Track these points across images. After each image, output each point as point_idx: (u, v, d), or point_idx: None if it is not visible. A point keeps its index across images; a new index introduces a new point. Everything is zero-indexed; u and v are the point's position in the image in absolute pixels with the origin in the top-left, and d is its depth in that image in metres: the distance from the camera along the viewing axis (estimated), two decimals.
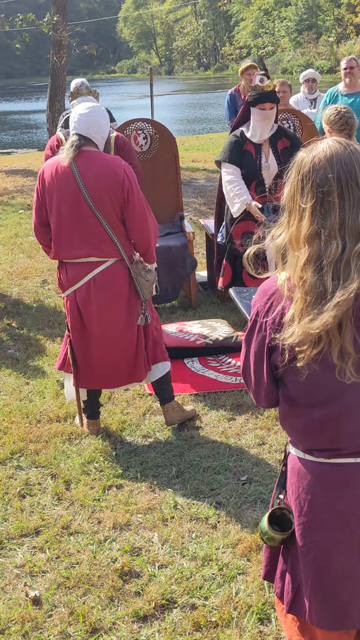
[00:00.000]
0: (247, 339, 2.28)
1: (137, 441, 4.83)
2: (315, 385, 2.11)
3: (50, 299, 7.65)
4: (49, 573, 3.64)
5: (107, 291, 4.57)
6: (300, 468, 2.26)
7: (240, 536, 3.82)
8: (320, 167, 2.02)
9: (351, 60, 8.54)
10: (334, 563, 2.22)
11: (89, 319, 4.63)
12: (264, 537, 2.38)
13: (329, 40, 64.07)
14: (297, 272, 2.03)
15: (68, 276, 4.62)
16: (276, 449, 4.63)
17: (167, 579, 3.55)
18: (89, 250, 4.52)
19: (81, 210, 4.47)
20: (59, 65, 16.31)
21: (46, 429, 4.99)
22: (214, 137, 21.62)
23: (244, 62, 10.23)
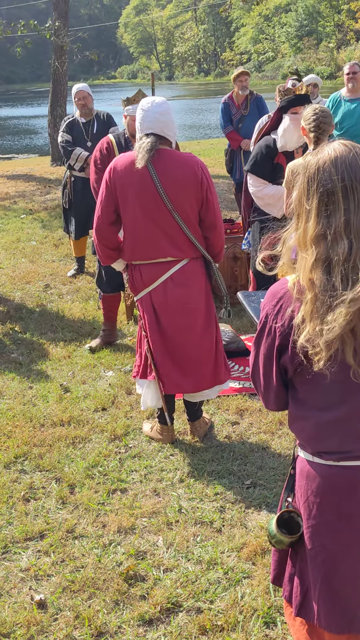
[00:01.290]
0: (256, 342, 2.28)
1: (141, 445, 4.83)
2: (325, 388, 2.11)
3: (53, 304, 7.66)
4: (54, 577, 3.64)
5: (185, 289, 4.50)
6: (309, 471, 2.26)
7: (245, 540, 3.81)
8: (325, 169, 2.03)
9: (354, 66, 8.55)
10: (342, 566, 2.23)
11: (169, 318, 4.54)
12: (272, 540, 2.39)
13: (329, 46, 64.24)
14: (305, 273, 2.04)
15: (143, 278, 4.52)
16: (280, 453, 4.63)
17: (172, 582, 3.54)
18: (167, 250, 4.45)
19: (159, 213, 4.38)
20: (60, 70, 16.35)
21: (50, 432, 4.99)
22: (214, 143, 21.64)
23: (236, 70, 10.26)
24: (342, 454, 2.18)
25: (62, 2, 16.33)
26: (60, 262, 9.29)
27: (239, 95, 9.94)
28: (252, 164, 6.12)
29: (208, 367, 4.68)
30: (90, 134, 8.05)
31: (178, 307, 4.52)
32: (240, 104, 9.96)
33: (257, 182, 6.10)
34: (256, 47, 74.80)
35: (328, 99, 8.92)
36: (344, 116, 8.44)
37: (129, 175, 4.36)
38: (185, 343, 4.59)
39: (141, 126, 4.40)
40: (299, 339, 2.06)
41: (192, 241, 4.48)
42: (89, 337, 6.67)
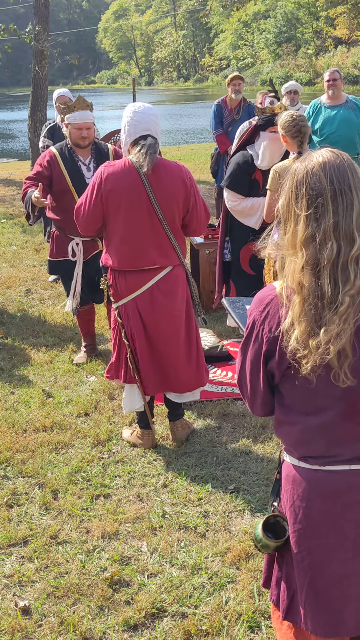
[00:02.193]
0: (243, 348, 2.30)
1: (124, 450, 4.83)
2: (311, 393, 2.13)
3: (34, 309, 7.64)
4: (38, 583, 3.63)
5: (170, 296, 4.59)
6: (295, 475, 2.28)
7: (229, 545, 3.82)
8: (314, 172, 2.06)
9: (334, 73, 8.61)
10: (328, 570, 2.24)
11: (155, 324, 4.60)
12: (259, 545, 2.40)
13: (308, 53, 64.61)
14: (295, 277, 2.07)
15: (128, 284, 4.56)
16: (263, 458, 4.64)
17: (156, 587, 3.55)
18: (155, 259, 4.52)
19: (151, 223, 4.47)
20: (40, 75, 16.31)
21: (32, 438, 4.97)
22: (195, 148, 21.70)
23: (231, 73, 10.33)
24: (328, 458, 2.20)
25: (42, 6, 16.30)
26: (41, 266, 9.26)
27: (232, 99, 9.99)
28: (230, 180, 6.18)
29: (190, 371, 4.75)
30: None
31: (164, 314, 4.59)
32: (233, 108, 10.02)
33: (234, 197, 6.19)
34: (235, 53, 75.04)
35: (308, 105, 8.98)
36: (324, 123, 8.49)
37: (121, 185, 4.40)
38: (170, 349, 4.65)
39: (135, 128, 4.43)
40: (288, 343, 2.08)
41: (176, 250, 4.59)
42: (71, 342, 6.66)
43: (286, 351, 2.10)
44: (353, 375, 2.06)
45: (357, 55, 58.06)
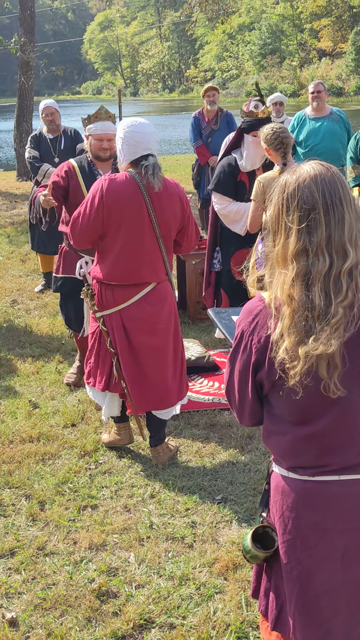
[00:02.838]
0: (231, 358, 2.30)
1: (111, 461, 4.82)
2: (301, 403, 2.14)
3: (21, 319, 7.62)
4: (25, 594, 3.61)
5: (157, 308, 4.58)
6: (284, 486, 2.28)
7: (216, 555, 3.82)
8: (306, 185, 2.08)
9: (318, 85, 8.67)
10: (317, 580, 2.25)
11: (141, 337, 4.57)
12: (247, 555, 2.41)
13: (293, 65, 65.03)
14: (285, 289, 2.08)
15: (115, 296, 4.54)
16: (250, 468, 4.65)
17: (144, 598, 3.54)
18: (146, 276, 4.52)
19: (149, 241, 4.47)
20: (26, 85, 16.34)
21: (19, 449, 4.96)
22: (180, 159, 21.75)
23: (205, 85, 10.39)
24: (317, 469, 2.21)
25: (28, 17, 16.34)
26: (27, 277, 9.25)
27: (209, 110, 10.05)
28: (216, 182, 6.24)
29: (174, 385, 4.74)
30: (57, 150, 8.07)
31: (150, 327, 4.56)
32: (211, 119, 10.06)
33: (221, 199, 6.23)
34: (220, 64, 75.40)
35: (293, 117, 9.03)
36: (308, 134, 8.55)
37: (123, 199, 4.35)
38: (155, 362, 4.62)
39: (135, 148, 4.38)
40: (277, 354, 2.09)
41: (166, 266, 4.61)
42: (57, 352, 6.65)
43: (275, 362, 2.11)
44: (343, 386, 2.07)
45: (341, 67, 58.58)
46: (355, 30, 58.99)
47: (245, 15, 73.79)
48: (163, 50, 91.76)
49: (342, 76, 56.62)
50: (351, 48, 58.44)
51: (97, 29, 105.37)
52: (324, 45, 64.55)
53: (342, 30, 63.54)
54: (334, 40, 63.78)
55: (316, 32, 65.87)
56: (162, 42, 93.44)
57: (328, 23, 64.04)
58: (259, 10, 73.38)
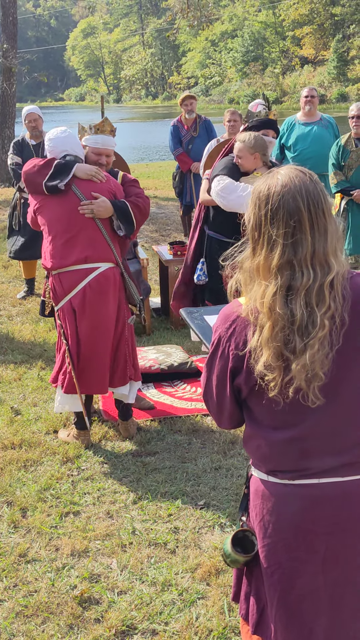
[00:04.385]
0: (208, 364, 2.30)
1: (94, 467, 4.81)
2: (280, 408, 2.14)
3: (3, 325, 7.59)
4: (6, 602, 3.59)
5: (102, 295, 4.85)
6: (263, 490, 2.29)
7: (199, 561, 3.82)
8: (292, 197, 2.04)
9: (312, 90, 8.78)
10: (298, 583, 2.25)
11: (86, 324, 4.84)
12: (227, 560, 2.41)
13: (275, 72, 65.28)
14: (266, 302, 2.05)
15: (63, 285, 4.85)
16: (233, 473, 4.65)
17: (127, 605, 3.53)
18: (87, 253, 4.80)
19: (83, 221, 4.81)
20: (9, 92, 16.31)
21: (0, 456, 4.93)
22: (163, 165, 21.80)
23: (182, 93, 10.43)
24: (297, 473, 2.21)
25: (10, 24, 16.32)
26: (9, 283, 9.22)
27: (187, 118, 10.08)
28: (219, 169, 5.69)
29: (117, 368, 5.03)
30: (40, 156, 8.05)
31: (95, 314, 4.84)
32: (190, 126, 10.09)
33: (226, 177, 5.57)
34: (203, 71, 75.64)
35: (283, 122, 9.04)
36: (297, 139, 8.59)
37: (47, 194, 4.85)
38: (98, 348, 4.89)
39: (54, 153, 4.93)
40: (255, 364, 2.09)
41: (111, 248, 4.90)
42: (40, 359, 6.63)
43: (253, 369, 2.11)
44: (323, 395, 2.07)
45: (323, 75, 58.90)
46: (336, 38, 59.40)
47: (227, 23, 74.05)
48: (146, 57, 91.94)
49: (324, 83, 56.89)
50: (333, 55, 58.80)
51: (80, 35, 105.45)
52: (306, 53, 64.89)
53: (324, 37, 63.93)
54: (316, 48, 64.15)
55: (298, 40, 66.21)
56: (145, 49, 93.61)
57: (310, 31, 64.39)
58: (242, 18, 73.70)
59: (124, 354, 5.04)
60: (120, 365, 5.04)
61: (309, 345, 2.02)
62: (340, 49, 58.55)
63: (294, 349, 2.04)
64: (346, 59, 58.35)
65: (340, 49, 58.55)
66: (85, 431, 5.08)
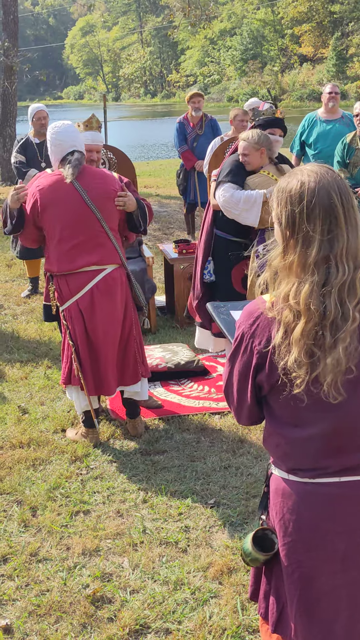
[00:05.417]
0: (231, 359, 2.30)
1: (103, 466, 4.81)
2: (301, 405, 2.14)
3: (7, 324, 7.58)
4: (19, 601, 3.59)
5: (110, 296, 4.85)
6: (284, 488, 2.28)
7: (211, 559, 3.82)
8: (325, 193, 2.04)
9: (335, 86, 8.67)
10: (318, 582, 2.25)
11: (94, 325, 4.84)
12: (247, 559, 2.40)
13: (274, 70, 65.24)
14: (302, 298, 2.04)
15: (70, 287, 4.83)
16: (242, 472, 4.65)
17: (139, 604, 3.53)
18: (94, 257, 4.78)
19: (89, 222, 4.77)
20: (10, 90, 16.29)
21: (9, 455, 4.93)
22: (164, 163, 21.78)
23: (190, 90, 10.41)
24: (318, 471, 2.21)
25: (11, 22, 16.30)
26: (13, 282, 9.22)
27: (194, 116, 10.07)
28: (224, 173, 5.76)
29: (126, 367, 5.03)
30: (44, 154, 8.06)
31: (103, 315, 4.84)
32: (195, 124, 10.08)
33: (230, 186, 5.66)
34: (202, 69, 75.56)
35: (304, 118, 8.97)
36: (318, 137, 8.51)
37: (54, 194, 4.77)
38: (107, 349, 4.89)
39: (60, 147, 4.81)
40: (282, 360, 2.08)
41: (116, 248, 4.87)
42: (46, 357, 6.62)
43: (277, 366, 2.10)
44: (345, 391, 2.07)
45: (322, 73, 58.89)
46: (335, 36, 59.37)
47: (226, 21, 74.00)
48: (145, 55, 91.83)
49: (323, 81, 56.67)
50: (332, 53, 58.79)
51: (78, 34, 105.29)
52: (305, 51, 64.88)
53: (322, 35, 63.92)
54: (315, 46, 64.14)
55: (297, 38, 66.20)
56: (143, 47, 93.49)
57: (309, 29, 64.37)
58: (240, 16, 73.64)
59: (133, 352, 5.03)
60: (130, 363, 5.03)
61: (340, 339, 2.03)
62: (339, 47, 58.52)
63: (323, 345, 2.04)
64: (345, 57, 58.34)
65: (339, 47, 58.52)
66: (93, 429, 5.08)
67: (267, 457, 4.75)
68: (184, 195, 10.57)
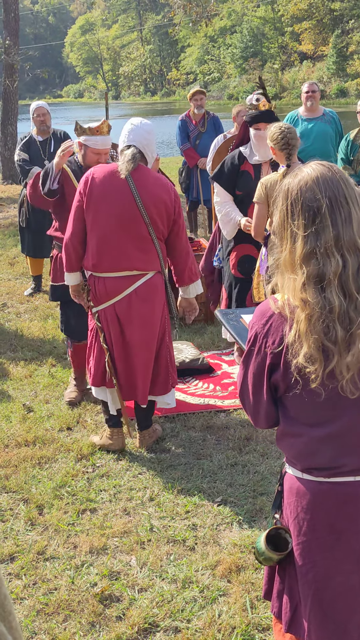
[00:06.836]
0: (245, 361, 2.28)
1: (109, 464, 4.79)
2: (317, 404, 2.12)
3: (11, 322, 7.57)
4: (27, 600, 3.58)
5: (148, 304, 4.69)
6: (298, 487, 2.27)
7: (219, 557, 3.80)
8: (308, 188, 2.07)
9: (313, 85, 8.63)
10: (333, 582, 2.24)
11: (131, 331, 4.69)
12: (261, 558, 2.39)
13: (274, 67, 65.14)
14: (297, 294, 2.05)
15: (107, 289, 4.65)
16: (249, 470, 4.63)
17: (148, 602, 3.52)
18: (135, 263, 4.60)
19: (134, 224, 4.56)
20: (11, 88, 16.28)
21: (15, 453, 4.92)
22: (165, 161, 21.71)
23: (192, 88, 10.37)
24: (333, 470, 2.20)
25: (12, 20, 16.29)
26: (16, 280, 9.20)
27: (196, 113, 10.04)
28: (217, 172, 6.07)
29: (157, 376, 4.87)
30: (47, 152, 8.03)
31: (140, 321, 4.68)
32: (198, 121, 10.06)
33: (222, 193, 6.05)
34: (202, 67, 75.43)
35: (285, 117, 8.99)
36: (300, 135, 8.50)
37: (106, 186, 4.53)
38: (141, 355, 4.75)
39: (127, 138, 4.58)
40: (294, 358, 2.07)
41: (159, 256, 4.68)
42: (50, 355, 6.61)
43: (291, 364, 2.09)
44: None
45: (322, 70, 58.82)
46: (335, 33, 59.28)
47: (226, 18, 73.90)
48: (144, 53, 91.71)
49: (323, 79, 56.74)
50: (332, 51, 58.70)
51: (78, 32, 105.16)
52: (305, 48, 64.79)
53: (323, 33, 63.81)
54: (315, 43, 64.03)
55: (297, 35, 66.10)
56: (143, 45, 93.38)
57: (309, 26, 64.28)
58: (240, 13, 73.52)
59: (165, 360, 4.89)
60: (162, 373, 4.88)
61: (357, 334, 2.01)
62: (339, 45, 58.43)
63: (336, 339, 2.03)
64: (345, 55, 58.24)
65: (339, 45, 58.43)
66: (119, 429, 4.92)
67: (274, 455, 4.75)
68: (186, 193, 10.54)
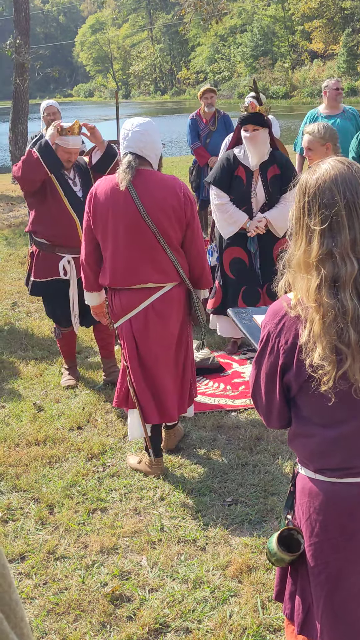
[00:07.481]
0: (257, 361, 2.27)
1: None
2: (330, 405, 2.10)
3: (22, 322, 7.57)
4: (37, 599, 3.57)
5: (165, 319, 4.43)
6: (311, 488, 2.25)
7: (230, 558, 3.79)
8: (326, 187, 2.03)
9: (338, 82, 8.65)
10: (346, 583, 2.22)
11: (148, 348, 4.45)
12: (273, 559, 2.37)
13: (284, 66, 65.06)
14: (311, 295, 2.03)
15: (122, 303, 4.41)
16: (260, 470, 4.61)
17: (159, 602, 3.50)
18: (149, 276, 4.34)
19: (142, 235, 4.27)
20: (22, 87, 16.30)
21: (25, 452, 4.91)
22: (175, 161, 21.72)
23: (202, 86, 10.33)
24: (345, 471, 2.18)
25: (23, 19, 16.30)
26: None
27: (206, 112, 10.02)
28: (212, 174, 6.22)
29: (185, 392, 4.68)
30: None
31: (157, 337, 4.44)
32: (208, 120, 10.03)
33: (221, 194, 6.14)
34: (212, 66, 75.40)
35: (305, 115, 8.93)
36: None
37: (109, 199, 4.27)
38: (163, 372, 4.52)
39: (123, 146, 4.34)
40: (308, 358, 2.05)
41: (175, 266, 4.39)
42: (60, 354, 6.59)
43: (305, 364, 2.07)
44: None
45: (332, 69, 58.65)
46: (346, 32, 59.14)
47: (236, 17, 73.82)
48: (155, 52, 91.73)
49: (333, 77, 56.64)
50: (342, 49, 58.57)
51: (88, 31, 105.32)
52: (316, 47, 64.69)
53: (333, 31, 63.66)
54: (326, 42, 63.91)
55: (308, 34, 66.00)
56: (153, 44, 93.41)
57: (319, 25, 64.16)
58: (251, 12, 73.45)
59: (189, 376, 4.69)
60: (187, 388, 4.68)
61: None
62: (349, 43, 58.29)
63: (349, 342, 2.01)
64: (356, 53, 58.10)
65: (349, 43, 58.29)
66: (159, 459, 4.65)
67: (285, 455, 4.73)
68: (197, 192, 10.51)
